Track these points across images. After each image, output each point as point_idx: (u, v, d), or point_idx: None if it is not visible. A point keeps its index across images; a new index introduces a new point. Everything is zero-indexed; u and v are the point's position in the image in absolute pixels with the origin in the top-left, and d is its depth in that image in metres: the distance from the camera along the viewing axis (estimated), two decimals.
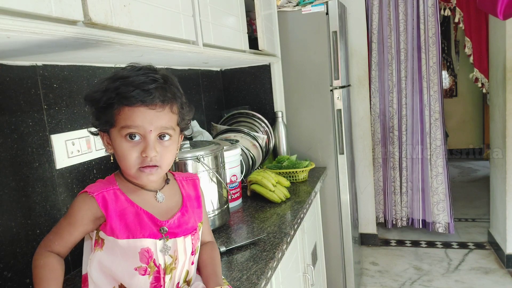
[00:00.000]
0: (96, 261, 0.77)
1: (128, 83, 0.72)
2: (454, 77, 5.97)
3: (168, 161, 0.78)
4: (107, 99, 0.72)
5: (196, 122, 1.82)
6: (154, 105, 0.73)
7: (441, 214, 3.10)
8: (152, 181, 0.78)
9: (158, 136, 0.75)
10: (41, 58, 0.98)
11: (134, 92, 0.71)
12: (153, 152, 0.73)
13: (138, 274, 0.76)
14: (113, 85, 0.72)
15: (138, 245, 0.75)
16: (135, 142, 0.73)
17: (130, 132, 0.73)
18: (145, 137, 0.73)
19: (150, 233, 0.76)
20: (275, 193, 1.58)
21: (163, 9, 1.01)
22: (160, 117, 0.74)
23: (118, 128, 0.73)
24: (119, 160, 0.76)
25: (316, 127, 2.23)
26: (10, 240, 0.93)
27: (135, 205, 0.77)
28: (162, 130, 0.75)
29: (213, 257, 0.91)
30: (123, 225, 0.75)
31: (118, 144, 0.74)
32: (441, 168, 3.05)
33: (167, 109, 0.75)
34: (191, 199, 0.88)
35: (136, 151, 0.73)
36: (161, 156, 0.75)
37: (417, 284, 2.60)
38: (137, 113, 0.72)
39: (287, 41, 2.21)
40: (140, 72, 0.74)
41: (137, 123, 0.72)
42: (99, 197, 0.75)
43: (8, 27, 0.58)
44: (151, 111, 0.73)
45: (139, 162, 0.74)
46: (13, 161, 0.95)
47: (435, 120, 3.01)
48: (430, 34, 2.90)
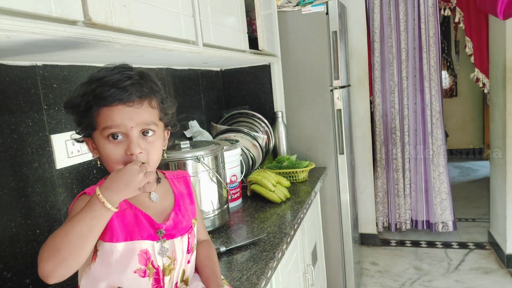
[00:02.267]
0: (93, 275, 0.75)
1: (104, 83, 0.71)
2: (454, 77, 5.97)
3: (155, 158, 0.77)
4: (86, 102, 0.71)
5: (196, 122, 1.82)
6: (132, 101, 0.72)
7: (444, 213, 3.10)
8: None
9: (141, 132, 0.74)
10: (41, 58, 0.98)
11: (110, 91, 0.70)
12: (137, 149, 0.72)
13: (138, 276, 0.75)
14: (89, 88, 0.72)
15: (136, 247, 0.74)
16: (118, 141, 0.72)
17: (111, 132, 0.72)
18: (127, 135, 0.72)
19: (148, 234, 0.76)
20: (275, 193, 1.58)
21: (163, 9, 1.01)
22: (140, 113, 0.73)
23: (99, 130, 0.73)
24: (105, 162, 0.75)
25: (316, 127, 2.23)
26: (10, 240, 0.93)
27: (133, 206, 0.77)
28: (143, 126, 0.74)
29: (211, 257, 0.91)
30: (121, 227, 0.74)
31: (102, 146, 0.73)
32: (443, 167, 3.05)
33: (146, 104, 0.75)
34: (184, 196, 0.88)
35: (120, 150, 0.72)
36: (147, 153, 0.74)
37: (417, 284, 2.60)
38: (116, 111, 0.71)
39: (287, 41, 2.21)
40: (114, 71, 0.74)
41: (117, 122, 0.71)
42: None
43: (8, 27, 0.58)
44: (129, 108, 0.72)
45: (124, 161, 0.73)
46: (13, 161, 0.95)
47: (436, 120, 3.01)
48: (430, 34, 2.90)
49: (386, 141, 3.18)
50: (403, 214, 3.22)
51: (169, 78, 1.67)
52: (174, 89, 1.71)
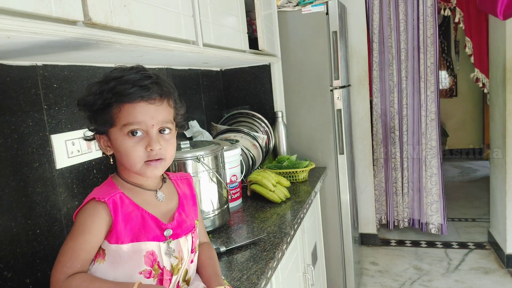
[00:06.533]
0: (100, 274, 0.75)
1: (124, 82, 0.73)
2: (454, 77, 5.97)
3: (171, 154, 0.80)
4: (104, 100, 0.72)
5: (196, 122, 1.82)
6: (153, 99, 0.74)
7: (434, 215, 3.10)
8: (157, 175, 0.79)
9: (159, 130, 0.77)
10: (41, 58, 0.98)
11: (132, 89, 0.72)
12: (157, 145, 0.75)
13: (143, 277, 0.75)
14: (107, 86, 0.73)
15: (143, 248, 0.75)
16: (137, 138, 0.74)
17: (132, 128, 0.73)
18: (147, 132, 0.75)
19: (154, 235, 0.77)
20: (275, 193, 1.58)
21: (163, 9, 1.01)
22: (160, 111, 0.76)
23: (119, 127, 0.74)
24: (123, 158, 0.76)
25: (316, 127, 2.24)
26: (10, 240, 0.93)
27: (140, 208, 0.77)
28: (162, 124, 0.77)
29: (212, 257, 0.91)
30: (128, 229, 0.75)
31: (120, 142, 0.74)
32: (436, 169, 3.04)
33: (165, 103, 0.77)
34: (187, 197, 0.90)
35: (141, 146, 0.74)
36: (165, 149, 0.77)
37: (417, 284, 2.60)
38: (138, 109, 0.73)
39: (287, 41, 2.21)
40: (132, 71, 0.75)
41: (139, 119, 0.73)
42: (110, 202, 0.73)
43: (8, 27, 0.58)
44: (150, 105, 0.74)
45: (144, 157, 0.75)
46: (13, 161, 0.95)
47: (431, 120, 3.01)
48: (428, 34, 2.90)
49: (385, 140, 3.19)
50: (401, 212, 3.24)
51: (169, 78, 1.67)
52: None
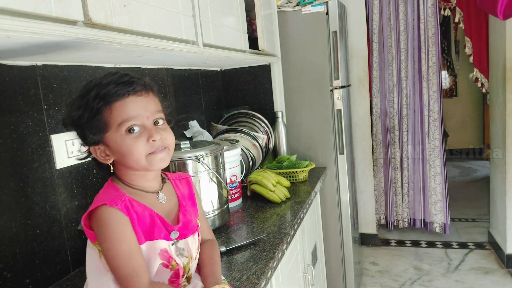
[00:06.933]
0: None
1: (106, 85, 0.73)
2: (454, 77, 5.97)
3: (172, 141, 0.80)
4: (91, 109, 0.72)
5: (196, 122, 1.82)
6: (140, 91, 0.75)
7: (438, 214, 3.10)
8: (164, 165, 0.79)
9: (153, 123, 0.77)
10: (41, 58, 0.98)
11: (116, 87, 0.73)
12: (158, 135, 0.76)
13: (162, 267, 0.78)
14: (90, 95, 0.73)
15: (157, 247, 0.77)
16: (136, 134, 0.75)
17: (129, 125, 0.73)
18: (144, 126, 0.75)
19: (164, 234, 0.78)
20: (275, 193, 1.58)
21: (163, 9, 1.01)
22: (150, 102, 0.77)
23: (115, 128, 0.73)
24: (125, 157, 0.75)
25: (316, 127, 2.23)
26: (10, 241, 0.93)
27: (148, 208, 0.78)
28: (155, 114, 0.78)
29: (212, 257, 0.91)
30: (142, 229, 0.76)
31: (120, 142, 0.74)
32: (439, 168, 3.05)
33: (151, 94, 0.78)
34: (186, 197, 0.90)
35: (141, 141, 0.74)
36: (166, 138, 0.78)
37: (417, 284, 2.60)
38: (129, 104, 0.74)
39: (287, 41, 2.21)
40: (108, 75, 0.76)
41: (133, 113, 0.73)
42: (122, 207, 0.73)
43: (8, 27, 0.58)
44: (139, 97, 0.75)
45: (147, 150, 0.75)
46: (13, 161, 0.95)
47: (434, 120, 3.01)
48: (430, 34, 2.90)
49: (385, 140, 3.19)
50: (400, 212, 3.24)
51: (169, 78, 1.67)
52: (174, 89, 1.71)
